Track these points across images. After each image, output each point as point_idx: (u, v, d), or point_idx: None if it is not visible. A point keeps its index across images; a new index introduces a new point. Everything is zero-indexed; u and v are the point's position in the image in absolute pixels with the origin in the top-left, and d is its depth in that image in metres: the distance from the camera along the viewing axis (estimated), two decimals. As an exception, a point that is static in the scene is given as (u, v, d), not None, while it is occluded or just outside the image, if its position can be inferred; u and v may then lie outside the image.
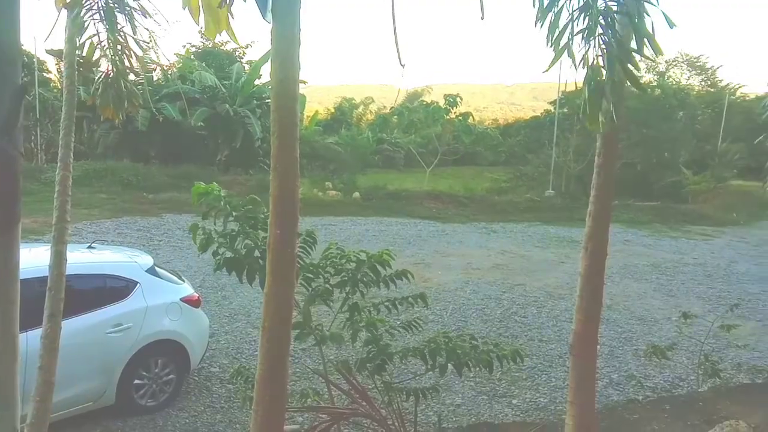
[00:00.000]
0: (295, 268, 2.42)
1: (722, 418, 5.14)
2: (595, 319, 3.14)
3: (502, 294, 10.65)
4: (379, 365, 3.77)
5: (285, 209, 2.32)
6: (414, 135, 31.84)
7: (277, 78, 2.28)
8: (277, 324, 2.36)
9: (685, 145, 30.18)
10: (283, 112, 2.27)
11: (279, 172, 2.27)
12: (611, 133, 2.87)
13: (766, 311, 10.46)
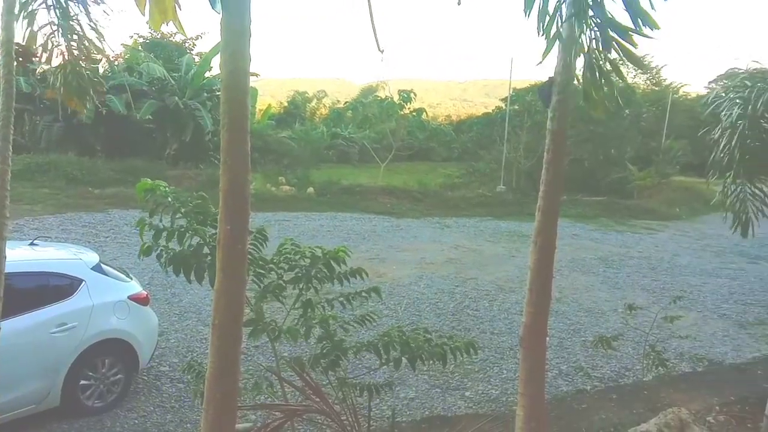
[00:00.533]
0: (246, 265, 2.38)
1: (665, 406, 5.33)
2: (545, 312, 3.21)
3: (455, 288, 10.78)
4: (333, 361, 3.76)
5: (235, 204, 2.28)
6: (368, 130, 31.84)
7: (227, 70, 2.24)
8: (228, 321, 2.32)
9: (630, 142, 31.18)
10: (233, 105, 2.22)
11: (229, 167, 2.23)
12: (559, 130, 2.93)
13: (707, 302, 10.93)
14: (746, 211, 4.62)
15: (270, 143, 26.07)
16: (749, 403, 6.00)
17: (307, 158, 26.81)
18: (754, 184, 4.56)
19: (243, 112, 2.23)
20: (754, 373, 7.09)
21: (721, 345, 8.52)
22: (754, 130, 4.53)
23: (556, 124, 2.90)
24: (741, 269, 14.37)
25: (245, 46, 2.24)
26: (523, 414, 3.06)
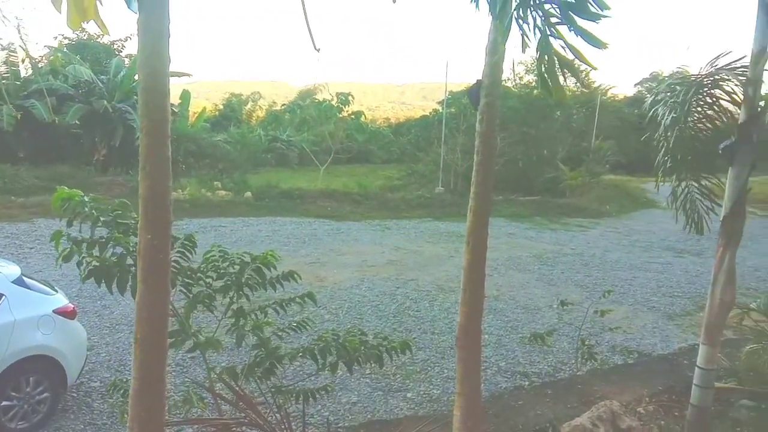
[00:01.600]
0: (168, 275, 2.28)
1: (598, 399, 5.51)
2: (479, 311, 3.25)
3: (396, 289, 10.81)
4: (268, 369, 3.67)
5: (156, 213, 2.18)
6: (307, 133, 31.62)
7: (145, 72, 2.14)
8: (152, 334, 2.22)
9: (562, 143, 32.25)
10: (152, 108, 2.13)
11: (148, 173, 2.13)
12: (489, 131, 2.97)
13: (637, 296, 11.39)
14: (696, 209, 4.83)
15: (205, 147, 25.41)
16: (676, 392, 6.28)
17: (244, 162, 26.34)
18: (701, 183, 4.78)
19: (163, 116, 2.14)
20: (680, 363, 7.41)
21: (651, 336, 8.88)
22: (692, 131, 4.75)
23: (484, 126, 2.94)
24: (668, 263, 15.07)
25: (164, 47, 2.15)
26: (460, 414, 3.08)
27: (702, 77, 4.68)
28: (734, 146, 4.38)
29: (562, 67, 2.43)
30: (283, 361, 3.72)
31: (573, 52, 2.42)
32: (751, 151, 4.41)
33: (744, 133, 4.36)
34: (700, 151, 4.75)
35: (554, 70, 2.45)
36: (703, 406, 4.58)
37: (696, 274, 13.51)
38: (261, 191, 21.96)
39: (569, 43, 2.42)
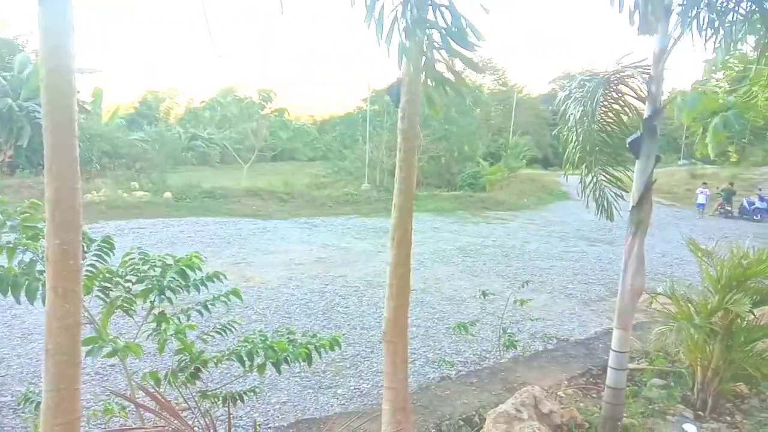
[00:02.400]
0: (80, 282, 2.16)
1: (521, 385, 5.70)
2: (405, 305, 3.29)
3: (324, 287, 10.77)
4: (193, 374, 3.57)
5: (64, 216, 2.06)
6: (229, 130, 30.91)
7: (48, 68, 2.02)
8: (64, 344, 2.11)
9: (482, 139, 33.18)
10: (56, 106, 2.01)
11: (55, 174, 2.01)
12: (410, 129, 3.01)
13: (555, 284, 11.88)
14: (605, 197, 5.05)
15: (120, 146, 24.35)
16: (593, 375, 6.61)
17: (163, 161, 25.43)
18: (608, 173, 5.01)
19: (68, 114, 2.02)
20: (596, 347, 7.81)
21: (569, 322, 9.30)
22: (599, 124, 4.98)
23: (406, 124, 2.98)
24: (583, 252, 15.82)
25: (68, 41, 2.04)
26: (388, 407, 3.12)
27: (610, 74, 4.93)
28: (640, 140, 4.65)
29: (446, 86, 2.52)
30: (208, 364, 3.62)
31: (453, 73, 2.54)
32: (655, 144, 4.70)
33: (649, 127, 4.63)
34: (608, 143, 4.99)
35: (439, 89, 2.54)
36: (618, 387, 4.84)
37: (609, 262, 14.26)
38: (182, 191, 21.30)
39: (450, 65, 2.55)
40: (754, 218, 25.86)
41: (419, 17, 2.32)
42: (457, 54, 2.40)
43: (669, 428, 5.10)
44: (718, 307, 5.39)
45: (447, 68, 2.43)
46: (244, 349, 3.60)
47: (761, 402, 5.80)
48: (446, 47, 2.38)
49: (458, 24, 2.36)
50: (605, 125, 5.02)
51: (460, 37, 2.35)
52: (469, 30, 2.38)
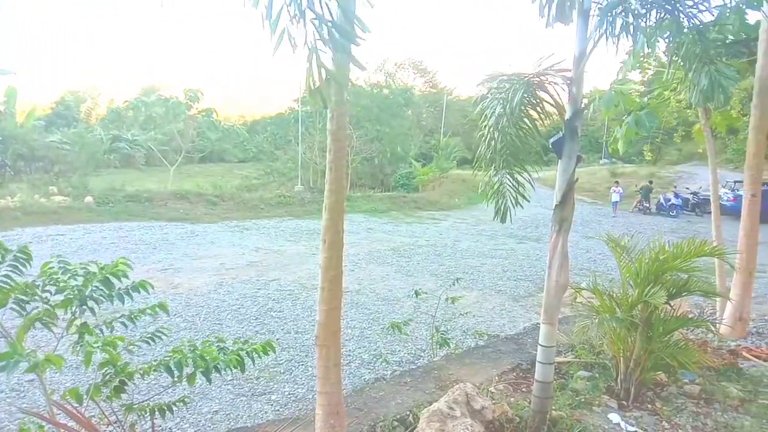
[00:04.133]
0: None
1: (454, 383, 5.79)
2: (337, 308, 3.27)
3: (257, 291, 10.58)
4: (118, 387, 3.41)
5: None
6: (154, 131, 29.86)
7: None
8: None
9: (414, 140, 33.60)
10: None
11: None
12: (339, 130, 2.99)
13: (485, 281, 12.17)
14: (505, 200, 5.15)
15: (37, 149, 23.06)
16: (522, 370, 6.80)
17: (84, 164, 24.29)
18: (513, 176, 5.12)
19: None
20: (525, 342, 8.04)
21: (499, 318, 9.54)
22: (513, 125, 5.10)
23: (335, 124, 2.96)
24: (512, 249, 16.29)
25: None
26: (322, 412, 3.09)
27: (530, 76, 5.08)
28: (562, 140, 4.82)
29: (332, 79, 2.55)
30: (134, 376, 3.47)
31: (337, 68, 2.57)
32: (576, 144, 4.88)
33: (570, 128, 4.81)
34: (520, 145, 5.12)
35: (322, 82, 2.55)
36: (546, 381, 5.00)
37: (536, 258, 14.76)
38: (104, 195, 20.43)
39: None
40: (670, 214, 27.42)
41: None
42: (341, 47, 2.42)
43: (595, 418, 5.31)
44: (637, 300, 5.66)
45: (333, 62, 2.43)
46: (172, 359, 3.46)
47: (679, 389, 6.14)
48: (331, 40, 2.38)
49: (349, 17, 2.36)
50: (520, 129, 5.15)
51: (344, 31, 2.36)
52: (356, 24, 2.40)
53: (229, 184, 26.78)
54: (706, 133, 9.49)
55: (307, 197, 23.90)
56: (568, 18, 4.47)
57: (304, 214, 21.27)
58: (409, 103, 34.99)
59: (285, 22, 2.34)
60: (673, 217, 26.95)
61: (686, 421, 5.45)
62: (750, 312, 8.83)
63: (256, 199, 23.14)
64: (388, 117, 31.28)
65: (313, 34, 2.37)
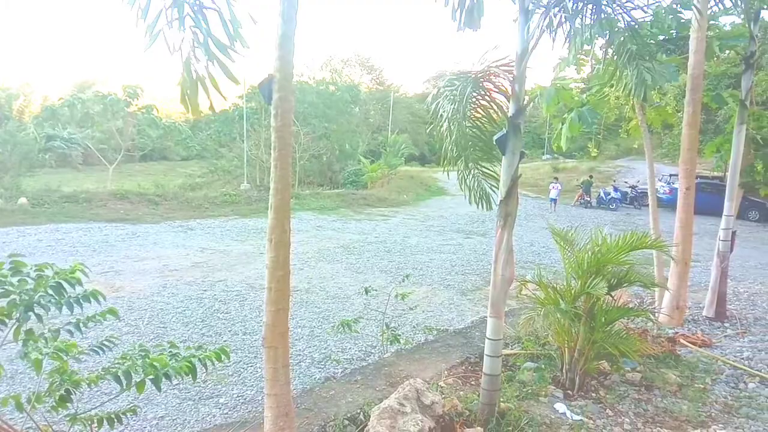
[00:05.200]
0: None
1: (404, 379, 5.80)
2: (285, 308, 3.21)
3: (203, 293, 10.33)
4: (63, 397, 3.25)
5: None
6: (91, 129, 28.74)
7: None
8: None
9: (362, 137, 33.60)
10: None
11: None
12: (284, 126, 2.93)
13: (434, 276, 12.29)
14: (483, 189, 5.24)
15: (-36, 149, 21.86)
16: (471, 363, 6.89)
17: (17, 164, 23.14)
18: (484, 167, 5.20)
19: None
20: (473, 335, 8.15)
21: (448, 312, 9.65)
22: (467, 121, 5.16)
23: (279, 121, 2.90)
24: (459, 244, 16.51)
25: None
26: (271, 414, 3.03)
27: (476, 74, 5.14)
28: (506, 137, 4.89)
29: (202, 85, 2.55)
30: (80, 386, 3.31)
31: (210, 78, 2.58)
32: (520, 140, 4.97)
33: (513, 125, 4.89)
34: (481, 139, 5.21)
35: (195, 89, 2.55)
36: (494, 374, 5.08)
37: (483, 253, 15.01)
38: (39, 196, 19.56)
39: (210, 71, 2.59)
40: (610, 207, 28.40)
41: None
42: (214, 57, 2.42)
43: (542, 409, 5.43)
44: (580, 291, 5.82)
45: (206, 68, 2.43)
46: (120, 368, 3.31)
47: (621, 377, 6.36)
48: (205, 50, 2.37)
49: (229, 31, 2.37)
50: (476, 122, 5.23)
51: (220, 44, 2.36)
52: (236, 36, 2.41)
53: (171, 183, 26.09)
54: (642, 129, 9.86)
55: (254, 195, 23.53)
56: (476, 25, 4.59)
57: (251, 212, 20.93)
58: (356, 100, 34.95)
59: (162, 25, 2.31)
60: (613, 210, 27.91)
61: (629, 408, 5.65)
62: (686, 301, 9.24)
63: (200, 198, 22.61)
64: (336, 114, 31.17)
65: (191, 42, 2.34)
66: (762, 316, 9.58)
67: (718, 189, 19.68)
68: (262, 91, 2.95)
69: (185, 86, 2.41)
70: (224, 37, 2.53)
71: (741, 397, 6.14)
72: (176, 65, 2.50)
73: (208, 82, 2.60)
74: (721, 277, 9.17)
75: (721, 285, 9.18)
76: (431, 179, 35.44)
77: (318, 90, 32.79)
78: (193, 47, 2.31)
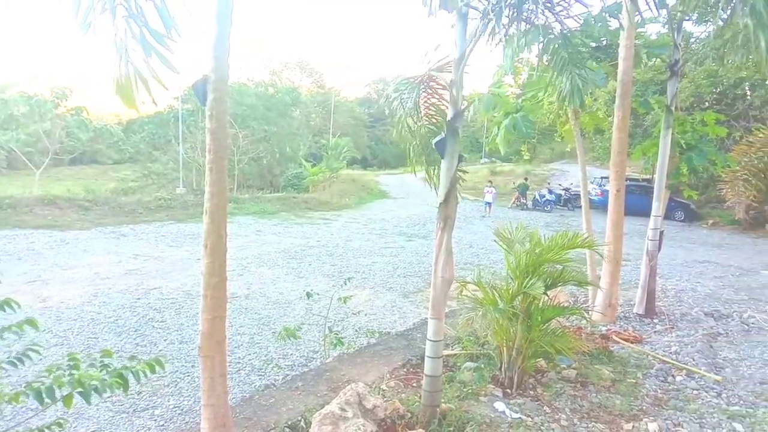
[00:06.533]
0: None
1: (346, 383, 5.76)
2: (222, 316, 3.13)
3: (136, 301, 9.97)
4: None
5: None
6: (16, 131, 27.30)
7: None
8: None
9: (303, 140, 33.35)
10: None
11: None
12: (219, 128, 2.86)
13: (377, 279, 12.30)
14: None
15: None
16: (412, 365, 6.92)
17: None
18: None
19: None
20: (415, 337, 8.19)
21: (390, 315, 9.67)
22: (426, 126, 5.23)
23: (214, 123, 2.83)
24: (401, 247, 16.61)
25: None
26: (208, 425, 2.94)
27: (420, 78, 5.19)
28: (444, 140, 4.95)
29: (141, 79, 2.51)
30: (0, 403, 3.09)
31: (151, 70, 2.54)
32: (458, 144, 5.03)
33: (452, 129, 4.95)
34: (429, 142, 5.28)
35: (131, 83, 2.51)
36: (435, 375, 5.12)
37: (424, 255, 15.14)
38: (-44, 202, 18.36)
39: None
40: (545, 209, 29.25)
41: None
42: (152, 49, 2.37)
43: (482, 408, 5.52)
44: (517, 291, 5.95)
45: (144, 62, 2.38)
46: (43, 384, 3.10)
47: (557, 374, 6.54)
48: (141, 41, 2.32)
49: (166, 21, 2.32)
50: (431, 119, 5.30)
51: (156, 33, 2.30)
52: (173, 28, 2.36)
53: (103, 187, 25.09)
54: (575, 133, 10.20)
55: (190, 200, 22.93)
56: (452, 5, 4.53)
57: (187, 217, 20.37)
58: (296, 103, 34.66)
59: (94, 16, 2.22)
60: (548, 212, 28.76)
61: (565, 404, 5.81)
62: (618, 298, 9.62)
63: (133, 202, 21.84)
64: (276, 116, 30.80)
65: (124, 32, 2.27)
66: (688, 311, 10.08)
67: (647, 191, 20.59)
68: (196, 92, 2.87)
69: (120, 79, 2.30)
70: (162, 29, 2.45)
71: (670, 390, 6.44)
72: (112, 62, 2.40)
73: (149, 75, 2.51)
74: (651, 275, 9.58)
75: (650, 283, 9.59)
76: (373, 182, 35.55)
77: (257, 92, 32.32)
78: (125, 37, 2.21)
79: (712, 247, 20.02)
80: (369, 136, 55.96)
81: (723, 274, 14.38)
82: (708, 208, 27.35)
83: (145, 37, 2.29)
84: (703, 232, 24.03)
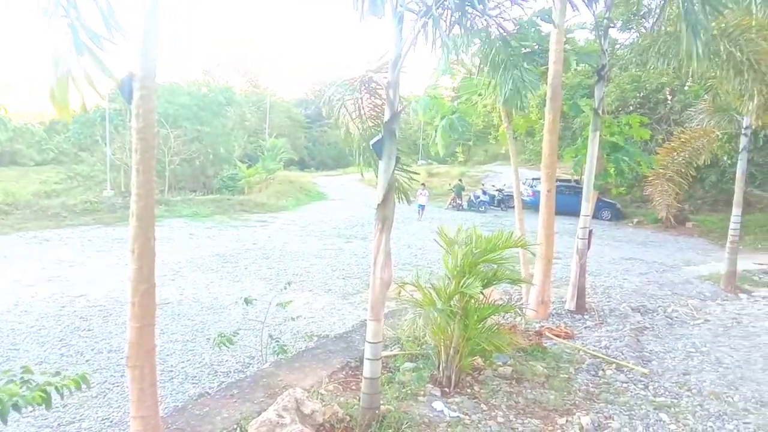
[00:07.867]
0: None
1: (283, 389, 5.65)
2: (151, 324, 3.00)
3: (61, 309, 9.47)
4: None
5: None
6: (-76, 131, 25.50)
7: None
8: None
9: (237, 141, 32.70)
10: None
11: None
12: (146, 127, 2.74)
13: (316, 281, 12.19)
14: (400, 185, 5.33)
15: None
16: (351, 368, 6.86)
17: None
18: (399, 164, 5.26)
19: None
20: (354, 339, 8.14)
21: (330, 317, 9.60)
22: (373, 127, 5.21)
23: (141, 122, 2.71)
24: (340, 249, 16.53)
25: None
26: (137, 439, 2.80)
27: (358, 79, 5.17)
28: (382, 141, 4.94)
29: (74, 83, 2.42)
30: None
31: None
32: (395, 145, 5.04)
33: (389, 130, 4.95)
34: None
35: (65, 88, 2.42)
36: (374, 377, 5.10)
37: (363, 256, 15.13)
38: None
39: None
40: (480, 210, 29.84)
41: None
42: (86, 48, 2.27)
43: (421, 408, 5.54)
44: (455, 291, 6.02)
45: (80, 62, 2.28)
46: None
47: (494, 372, 6.66)
48: (75, 41, 2.22)
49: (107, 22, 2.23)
50: (375, 125, 5.29)
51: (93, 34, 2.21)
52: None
53: (24, 190, 23.71)
54: (508, 135, 10.46)
55: (119, 202, 22.00)
56: (380, 12, 4.52)
57: (115, 221, 19.54)
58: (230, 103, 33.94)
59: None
60: (482, 213, 29.36)
61: (501, 401, 5.92)
62: (550, 295, 9.91)
63: (57, 206, 20.75)
64: (209, 116, 30.07)
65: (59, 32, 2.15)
66: (616, 307, 10.51)
67: (576, 191, 21.34)
68: (121, 89, 2.73)
69: (52, 83, 2.15)
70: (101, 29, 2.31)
71: (601, 383, 6.68)
72: (41, 61, 2.26)
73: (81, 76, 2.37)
74: (581, 273, 9.93)
75: (580, 280, 9.94)
76: (311, 184, 35.26)
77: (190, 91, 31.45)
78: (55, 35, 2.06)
79: (638, 244, 21.00)
80: (306, 137, 55.57)
81: (648, 271, 15.10)
82: (633, 208, 28.68)
83: (79, 37, 2.15)
84: (629, 231, 25.16)
